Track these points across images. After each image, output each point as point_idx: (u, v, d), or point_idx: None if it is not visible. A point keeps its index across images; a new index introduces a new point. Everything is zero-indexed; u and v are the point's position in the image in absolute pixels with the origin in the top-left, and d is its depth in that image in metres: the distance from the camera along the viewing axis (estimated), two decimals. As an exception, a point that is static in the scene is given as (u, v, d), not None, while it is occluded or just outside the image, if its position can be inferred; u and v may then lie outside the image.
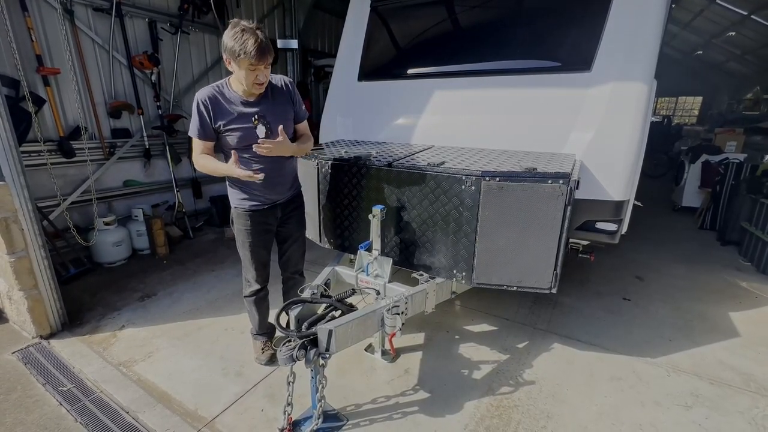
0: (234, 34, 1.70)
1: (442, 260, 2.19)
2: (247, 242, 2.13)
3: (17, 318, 2.73)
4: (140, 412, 2.03)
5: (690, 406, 2.10)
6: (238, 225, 2.12)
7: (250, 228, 2.10)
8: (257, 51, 1.69)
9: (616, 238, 2.45)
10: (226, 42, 1.73)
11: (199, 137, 1.91)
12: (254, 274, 2.22)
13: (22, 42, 3.33)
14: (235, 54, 1.70)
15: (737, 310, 3.07)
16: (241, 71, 1.77)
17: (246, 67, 1.74)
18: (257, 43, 1.68)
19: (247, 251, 2.16)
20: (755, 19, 9.35)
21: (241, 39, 1.68)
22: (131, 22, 4.19)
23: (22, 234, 2.50)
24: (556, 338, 2.69)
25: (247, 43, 1.67)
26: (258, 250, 2.17)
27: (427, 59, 3.15)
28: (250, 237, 2.12)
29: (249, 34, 1.68)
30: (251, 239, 2.13)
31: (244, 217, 2.09)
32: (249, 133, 1.93)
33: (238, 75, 1.81)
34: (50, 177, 3.55)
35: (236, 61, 1.74)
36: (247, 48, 1.67)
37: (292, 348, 1.67)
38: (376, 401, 2.12)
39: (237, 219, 2.12)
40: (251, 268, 2.21)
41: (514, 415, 2.03)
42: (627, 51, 2.34)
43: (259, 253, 2.19)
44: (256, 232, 2.12)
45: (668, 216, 5.77)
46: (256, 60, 1.71)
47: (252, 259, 2.18)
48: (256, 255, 2.18)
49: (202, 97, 1.86)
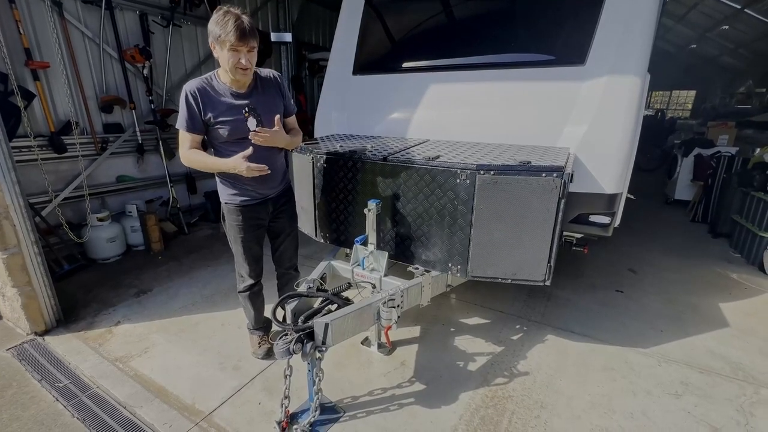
0: (217, 18, 1.71)
1: (437, 253, 2.20)
2: (239, 237, 2.13)
3: (11, 315, 2.71)
4: (138, 407, 2.04)
5: (680, 394, 2.14)
6: (230, 221, 2.11)
7: (242, 223, 2.09)
8: (238, 31, 1.69)
9: (609, 231, 2.48)
10: (210, 27, 1.74)
11: (187, 130, 1.88)
12: (247, 270, 2.22)
13: (9, 35, 3.27)
14: (218, 37, 1.71)
15: (728, 301, 3.13)
16: (224, 54, 1.76)
17: (228, 49, 1.73)
18: (237, 23, 1.69)
19: (239, 247, 2.15)
20: (749, 13, 9.39)
21: (223, 20, 1.70)
22: (122, 15, 4.12)
23: (14, 230, 2.48)
24: (550, 330, 2.73)
25: (228, 24, 1.69)
26: (250, 245, 2.17)
27: (422, 53, 3.13)
28: (242, 232, 2.11)
29: (231, 15, 1.70)
30: (243, 234, 2.12)
31: (236, 213, 2.08)
32: (239, 125, 1.90)
33: (222, 60, 1.80)
34: (41, 173, 3.50)
35: (219, 44, 1.74)
36: (228, 28, 1.69)
37: (289, 341, 1.68)
38: (373, 393, 2.14)
39: (228, 214, 2.10)
40: (244, 264, 2.21)
41: (508, 405, 2.07)
42: (621, 45, 2.34)
43: (252, 249, 2.19)
44: (248, 227, 2.11)
45: (661, 209, 5.83)
46: (237, 40, 1.71)
47: (245, 255, 2.18)
48: (249, 250, 2.18)
49: (190, 88, 1.84)
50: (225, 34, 1.69)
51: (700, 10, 10.54)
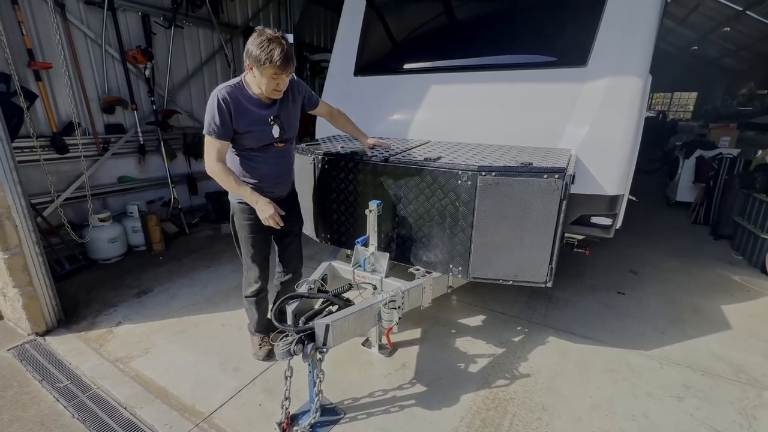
0: (260, 42, 1.71)
1: (438, 255, 2.20)
2: (250, 237, 2.14)
3: (12, 315, 2.71)
4: (138, 408, 2.04)
5: (682, 397, 2.13)
6: (241, 220, 2.11)
7: (254, 223, 2.10)
8: (282, 61, 1.72)
9: (611, 233, 2.48)
10: (251, 49, 1.73)
11: (217, 136, 1.86)
12: (258, 273, 2.23)
13: (12, 36, 3.28)
14: (260, 62, 1.72)
15: (729, 303, 3.12)
16: (263, 78, 1.79)
17: (269, 75, 1.77)
18: (283, 53, 1.71)
19: (250, 248, 2.16)
20: (750, 15, 9.38)
21: (267, 48, 1.70)
22: (124, 16, 4.14)
23: (16, 230, 2.48)
24: (551, 332, 2.72)
25: (273, 53, 1.70)
26: (261, 246, 2.19)
27: (424, 54, 3.13)
28: (253, 232, 2.13)
29: (275, 43, 1.71)
30: (255, 234, 2.14)
31: (248, 212, 2.08)
32: (266, 134, 1.97)
33: (258, 81, 1.82)
34: (43, 173, 3.51)
35: (259, 69, 1.75)
36: (273, 57, 1.70)
37: (290, 342, 1.67)
38: (374, 395, 2.13)
39: (240, 214, 2.10)
40: (254, 266, 2.22)
41: (509, 407, 2.06)
42: (622, 46, 2.34)
43: (263, 249, 2.21)
44: (260, 227, 2.12)
45: (662, 211, 5.82)
46: (280, 70, 1.75)
47: (255, 256, 2.19)
48: (260, 251, 2.19)
49: (222, 95, 1.83)
50: (268, 61, 1.71)
51: (702, 12, 10.54)
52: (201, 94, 5.15)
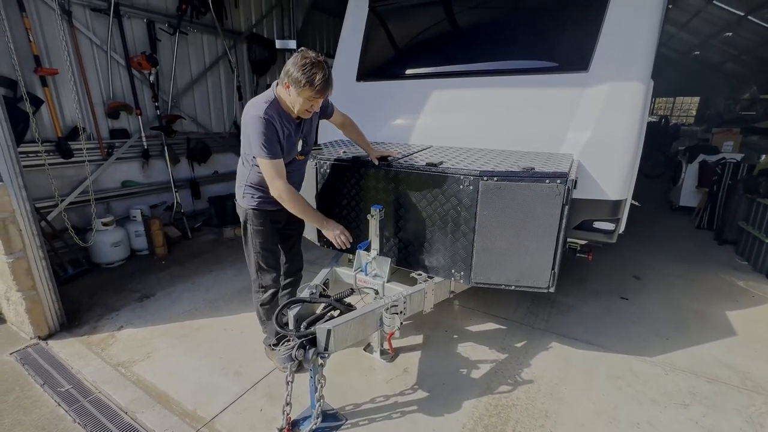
0: (303, 64, 1.72)
1: (440, 260, 2.19)
2: (265, 242, 2.15)
3: (15, 319, 2.72)
4: (139, 413, 2.03)
5: (687, 404, 2.11)
6: (256, 225, 2.11)
7: (268, 228, 2.13)
8: (322, 86, 1.75)
9: (614, 238, 2.46)
10: (291, 70, 1.74)
11: (274, 156, 1.85)
12: (273, 276, 2.24)
13: (19, 42, 3.33)
14: (299, 84, 1.73)
15: (734, 309, 3.09)
16: (298, 99, 1.80)
17: (305, 97, 1.78)
18: (324, 78, 1.74)
19: (264, 252, 2.17)
20: (752, 20, 9.39)
21: (309, 71, 1.71)
22: (129, 23, 4.19)
23: (20, 235, 2.50)
24: (554, 337, 2.70)
25: (314, 77, 1.71)
26: (274, 249, 2.22)
27: (425, 59, 3.15)
28: (267, 237, 2.14)
29: (317, 68, 1.73)
30: (269, 238, 2.15)
31: (262, 216, 2.10)
32: (293, 148, 2.02)
33: (292, 100, 1.82)
34: (48, 178, 3.54)
35: (297, 90, 1.76)
36: (314, 81, 1.72)
37: (291, 347, 1.67)
38: (375, 400, 2.12)
39: (255, 218, 2.10)
40: (269, 270, 2.22)
41: (512, 413, 2.04)
42: (624, 51, 2.35)
43: (275, 252, 2.24)
44: (273, 231, 2.16)
45: (666, 215, 5.79)
46: (319, 94, 1.78)
47: (270, 259, 2.20)
48: (273, 254, 2.22)
49: (266, 115, 1.81)
50: (308, 84, 1.72)
51: (703, 17, 10.56)
52: (205, 99, 5.19)
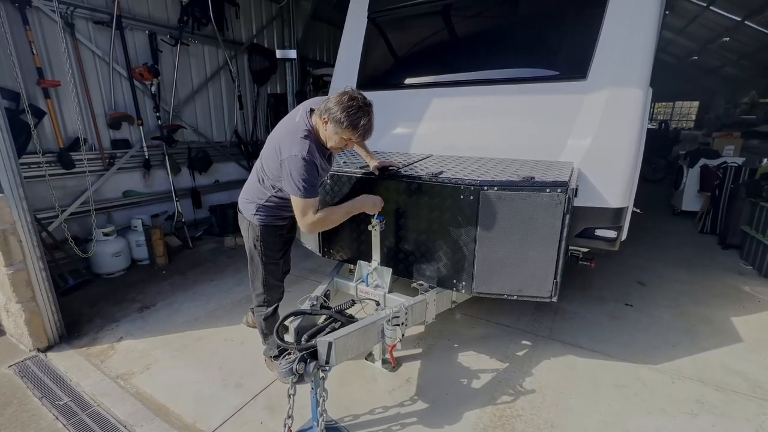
0: (349, 106, 1.69)
1: (441, 270, 2.18)
2: (277, 254, 2.17)
3: (14, 331, 2.71)
4: (138, 426, 2.01)
5: (696, 413, 2.07)
6: (271, 238, 2.12)
7: (278, 242, 2.16)
8: (364, 132, 1.75)
9: (616, 245, 2.44)
10: (334, 109, 1.71)
11: (314, 195, 1.83)
12: (279, 291, 2.27)
13: (22, 55, 3.36)
14: (341, 124, 1.70)
15: (741, 315, 3.05)
16: (335, 136, 1.77)
17: (343, 137, 1.76)
18: (367, 124, 1.74)
19: (274, 267, 2.19)
20: (749, 25, 9.44)
21: (355, 114, 1.70)
22: (131, 35, 4.23)
23: (20, 246, 2.49)
24: (558, 345, 2.67)
25: (359, 121, 1.71)
26: (280, 263, 2.23)
27: (425, 69, 3.17)
28: (275, 251, 2.17)
29: (363, 112, 1.72)
30: (276, 253, 2.18)
31: (276, 230, 2.13)
32: (324, 177, 2.06)
33: (328, 135, 1.79)
34: (49, 188, 3.55)
35: (336, 129, 1.73)
36: (357, 125, 1.71)
37: (292, 361, 1.65)
38: (377, 412, 2.09)
39: (268, 233, 2.10)
40: (277, 287, 2.24)
41: (517, 425, 2.01)
42: (622, 59, 2.35)
43: (280, 266, 2.25)
44: (282, 243, 2.19)
45: (668, 220, 5.76)
46: (359, 138, 1.77)
47: (276, 273, 2.22)
48: (278, 268, 2.23)
49: (312, 156, 1.78)
50: (351, 127, 1.70)
51: (701, 22, 10.63)
52: (206, 109, 5.23)
